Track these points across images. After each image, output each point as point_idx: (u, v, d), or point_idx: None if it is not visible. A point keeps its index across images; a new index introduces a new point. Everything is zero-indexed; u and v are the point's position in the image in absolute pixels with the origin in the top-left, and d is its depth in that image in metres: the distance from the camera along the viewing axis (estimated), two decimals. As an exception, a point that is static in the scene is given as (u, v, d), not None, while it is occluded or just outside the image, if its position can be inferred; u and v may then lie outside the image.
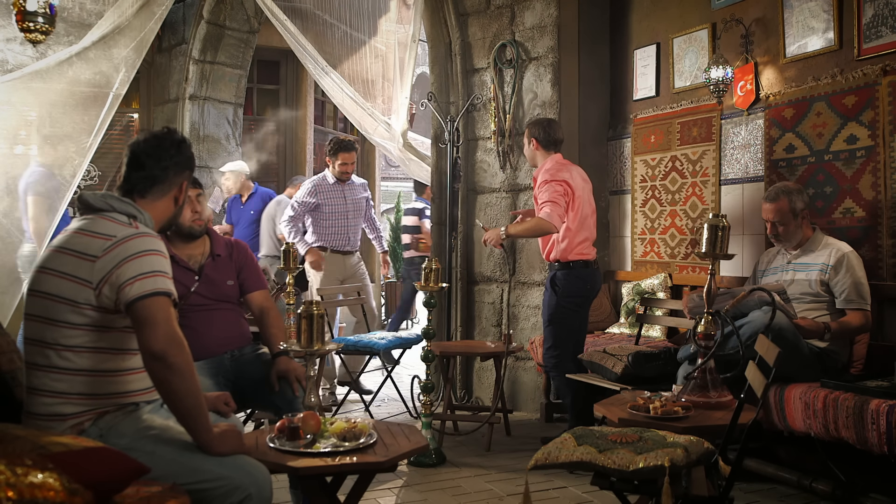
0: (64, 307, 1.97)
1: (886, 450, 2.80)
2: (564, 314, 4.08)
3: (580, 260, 4.08)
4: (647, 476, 2.23)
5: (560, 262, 4.09)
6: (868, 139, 3.69)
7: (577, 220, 4.08)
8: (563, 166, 4.13)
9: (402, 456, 2.31)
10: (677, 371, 3.50)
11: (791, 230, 3.55)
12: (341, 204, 5.52)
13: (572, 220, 4.06)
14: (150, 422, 2.04)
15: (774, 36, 4.14)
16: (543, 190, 4.00)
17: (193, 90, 6.84)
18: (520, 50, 5.09)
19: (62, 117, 4.52)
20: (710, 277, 3.15)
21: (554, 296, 4.08)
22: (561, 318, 4.08)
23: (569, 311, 4.09)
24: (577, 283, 4.08)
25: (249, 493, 1.94)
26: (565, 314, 4.08)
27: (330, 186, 5.49)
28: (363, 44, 6.19)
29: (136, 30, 4.72)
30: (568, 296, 4.07)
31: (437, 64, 5.48)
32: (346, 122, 8.54)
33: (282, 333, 3.10)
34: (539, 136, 4.17)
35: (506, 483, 3.57)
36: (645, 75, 4.98)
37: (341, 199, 5.52)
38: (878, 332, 3.60)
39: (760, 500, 3.31)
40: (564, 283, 4.07)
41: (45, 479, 1.42)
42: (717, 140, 4.49)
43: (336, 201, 5.50)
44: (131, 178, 2.18)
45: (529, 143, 4.24)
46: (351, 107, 5.71)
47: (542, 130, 4.17)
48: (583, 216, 4.11)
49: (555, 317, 4.08)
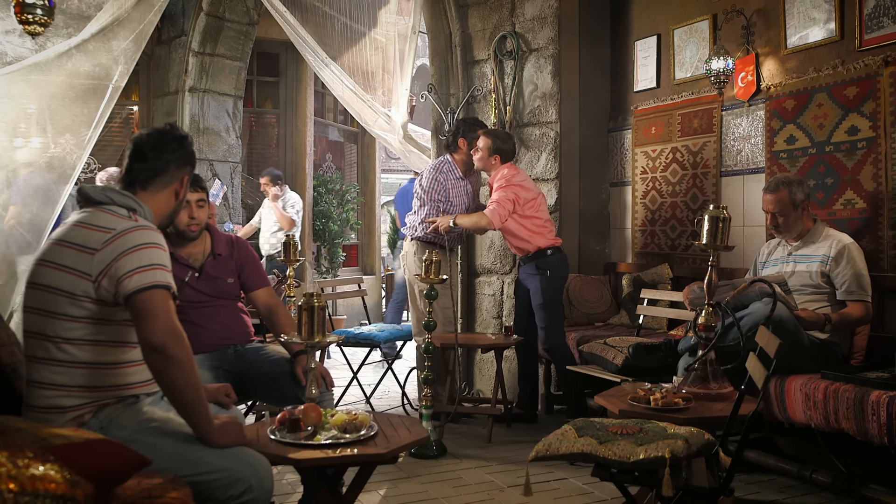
0: (63, 300, 1.97)
1: (886, 441, 2.81)
2: (555, 294, 4.45)
3: (556, 246, 4.50)
4: (647, 467, 2.24)
5: (541, 250, 4.44)
6: (869, 130, 3.68)
7: (543, 213, 4.49)
8: (515, 172, 4.47)
9: (403, 448, 2.32)
10: (678, 362, 3.50)
11: (791, 221, 3.54)
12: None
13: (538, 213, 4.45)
14: (151, 414, 2.05)
15: (775, 27, 4.12)
16: (496, 192, 4.38)
17: (193, 82, 6.82)
18: (520, 41, 5.07)
19: (62, 110, 4.50)
20: (711, 269, 3.15)
21: (544, 278, 4.41)
22: (553, 298, 4.44)
23: (558, 291, 4.50)
24: (560, 265, 4.50)
25: (250, 485, 1.94)
26: (556, 294, 4.46)
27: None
28: (363, 35, 6.17)
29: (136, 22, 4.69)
30: (556, 278, 4.46)
31: (437, 55, 5.46)
32: (347, 114, 8.54)
33: (293, 328, 3.10)
34: (502, 152, 4.48)
35: (506, 474, 3.58)
36: (646, 66, 4.97)
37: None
38: (878, 323, 3.60)
39: (761, 491, 3.32)
40: (551, 266, 4.43)
41: (47, 472, 1.42)
42: (717, 131, 4.48)
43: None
44: (134, 170, 2.20)
45: (491, 156, 4.47)
46: (351, 99, 5.69)
47: (506, 146, 4.50)
48: (545, 211, 4.51)
49: (548, 298, 4.41)
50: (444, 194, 4.59)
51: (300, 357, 2.91)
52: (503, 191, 4.35)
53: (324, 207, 8.50)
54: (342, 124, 9.33)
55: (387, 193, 12.50)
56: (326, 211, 8.51)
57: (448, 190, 4.59)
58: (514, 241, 4.49)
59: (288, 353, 3.00)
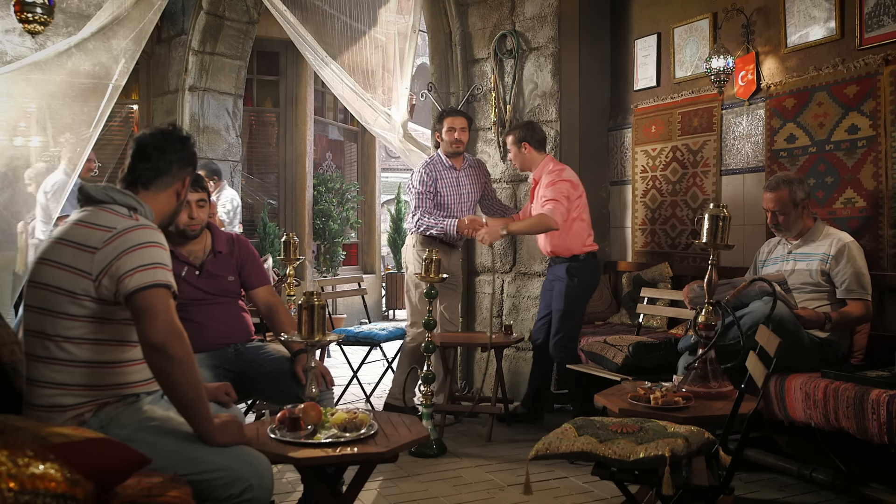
0: (64, 298, 1.97)
1: (886, 440, 2.81)
2: (579, 303, 4.28)
3: (591, 252, 4.31)
4: (647, 466, 2.24)
5: (575, 255, 4.25)
6: (869, 129, 3.68)
7: (586, 215, 4.28)
8: (564, 167, 4.30)
9: (403, 446, 2.32)
10: (678, 361, 3.50)
11: (791, 220, 3.54)
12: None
13: (582, 215, 4.26)
14: (151, 413, 2.05)
15: (776, 25, 4.12)
16: (549, 188, 4.15)
17: (193, 81, 6.81)
18: (520, 40, 5.07)
19: (62, 108, 4.50)
20: (711, 268, 3.15)
21: (571, 286, 4.22)
22: (576, 307, 4.27)
23: (583, 301, 4.32)
24: (591, 273, 4.31)
25: (250, 484, 1.94)
26: (580, 303, 4.29)
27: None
28: (363, 34, 6.16)
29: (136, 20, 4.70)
30: (584, 285, 4.27)
31: (437, 54, 5.46)
32: (347, 112, 8.54)
33: (293, 327, 3.10)
34: (530, 139, 4.32)
35: (506, 473, 3.58)
36: (646, 65, 4.97)
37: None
38: (878, 322, 3.60)
39: (761, 489, 3.32)
40: (581, 273, 4.24)
41: (47, 470, 1.42)
42: (717, 130, 4.48)
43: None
44: (136, 169, 2.20)
45: (521, 147, 4.34)
46: (351, 97, 5.69)
47: (531, 132, 4.34)
48: (587, 212, 4.30)
49: (570, 305, 4.24)
50: (433, 186, 4.50)
51: (300, 356, 2.91)
52: (556, 187, 4.14)
53: (324, 206, 8.51)
54: (342, 123, 9.33)
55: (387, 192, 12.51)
56: (326, 210, 8.52)
57: (436, 181, 4.51)
58: (550, 241, 4.29)
59: (288, 352, 3.00)
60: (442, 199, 4.54)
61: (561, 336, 4.24)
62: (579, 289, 4.25)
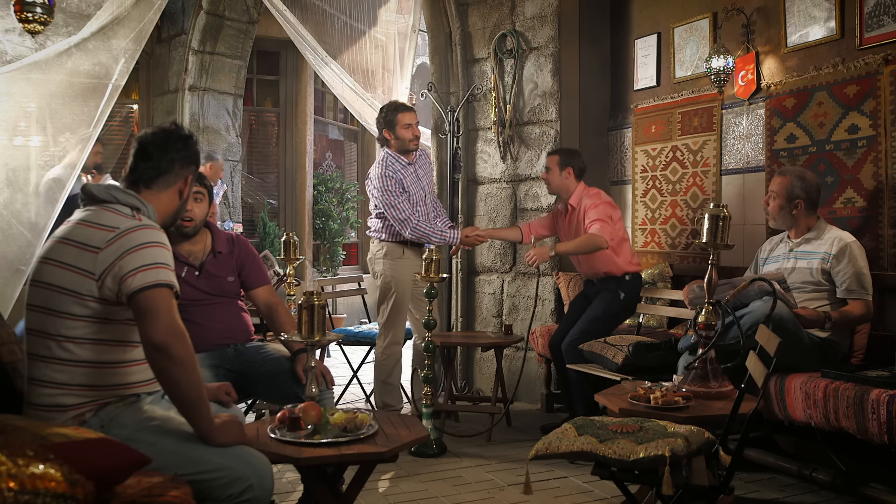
0: (66, 298, 1.97)
1: (887, 439, 2.81)
2: (615, 320, 4.33)
3: (638, 273, 4.38)
4: (647, 466, 2.24)
5: (626, 272, 4.29)
6: (869, 129, 3.68)
7: (627, 236, 4.39)
8: (600, 190, 4.38)
9: (403, 446, 2.32)
10: (678, 361, 3.50)
11: (778, 208, 3.53)
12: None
13: (625, 235, 4.36)
14: (152, 413, 2.05)
15: (776, 25, 4.12)
16: (593, 210, 4.20)
17: (193, 81, 6.82)
18: (520, 40, 5.07)
19: (62, 108, 4.49)
20: (711, 268, 3.15)
21: (617, 300, 4.27)
22: (611, 322, 4.29)
23: (619, 319, 4.39)
24: (636, 295, 4.36)
25: (250, 484, 1.94)
26: (615, 321, 4.34)
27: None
28: (363, 34, 6.16)
29: (136, 20, 4.69)
30: (629, 305, 4.34)
31: (437, 54, 5.46)
32: (347, 112, 8.53)
33: (293, 327, 3.09)
34: (575, 165, 4.34)
35: (507, 473, 3.58)
36: (646, 65, 4.97)
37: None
38: (878, 321, 3.60)
39: (761, 489, 3.32)
40: (629, 291, 4.30)
41: (47, 470, 1.42)
42: (717, 130, 4.48)
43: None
44: (138, 168, 2.20)
45: (563, 172, 4.32)
46: (351, 97, 5.69)
47: (578, 159, 4.37)
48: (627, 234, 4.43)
49: (609, 320, 4.27)
50: (399, 184, 4.27)
51: (300, 355, 2.91)
52: (599, 209, 4.19)
53: (324, 206, 8.50)
54: (342, 123, 9.33)
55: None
56: (326, 209, 8.52)
57: (401, 179, 4.29)
58: (596, 260, 4.26)
59: (288, 352, 3.00)
60: (409, 197, 4.34)
61: (580, 334, 4.15)
62: (623, 304, 4.29)
